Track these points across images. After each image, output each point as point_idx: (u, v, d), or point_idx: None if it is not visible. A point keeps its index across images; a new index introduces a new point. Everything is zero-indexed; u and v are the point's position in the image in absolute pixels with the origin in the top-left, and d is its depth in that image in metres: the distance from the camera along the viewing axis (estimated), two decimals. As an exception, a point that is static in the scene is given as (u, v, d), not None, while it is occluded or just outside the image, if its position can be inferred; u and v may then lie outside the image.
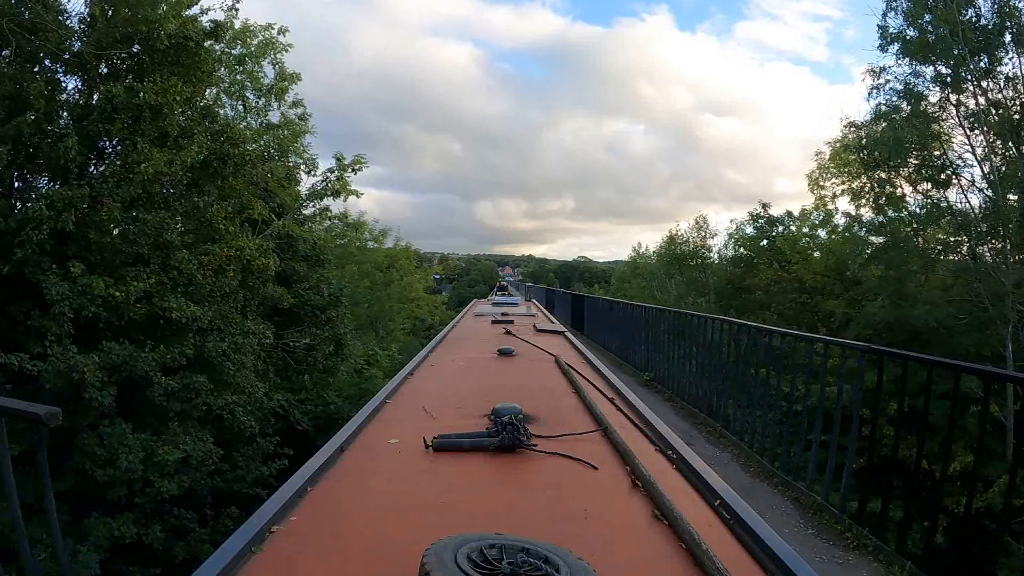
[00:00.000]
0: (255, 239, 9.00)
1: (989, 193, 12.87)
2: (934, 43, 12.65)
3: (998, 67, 12.83)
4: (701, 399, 7.28)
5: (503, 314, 8.65)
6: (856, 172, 16.73)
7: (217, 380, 7.83)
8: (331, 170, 14.06)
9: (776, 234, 19.05)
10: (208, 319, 7.73)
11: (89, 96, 8.27)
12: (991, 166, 12.68)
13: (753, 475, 5.31)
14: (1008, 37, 12.58)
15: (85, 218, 7.25)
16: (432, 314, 28.33)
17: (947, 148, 13.26)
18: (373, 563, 1.40)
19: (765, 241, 19.26)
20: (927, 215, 13.27)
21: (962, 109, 13.01)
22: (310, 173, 13.61)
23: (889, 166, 13.54)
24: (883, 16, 13.48)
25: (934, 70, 13.18)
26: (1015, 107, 12.34)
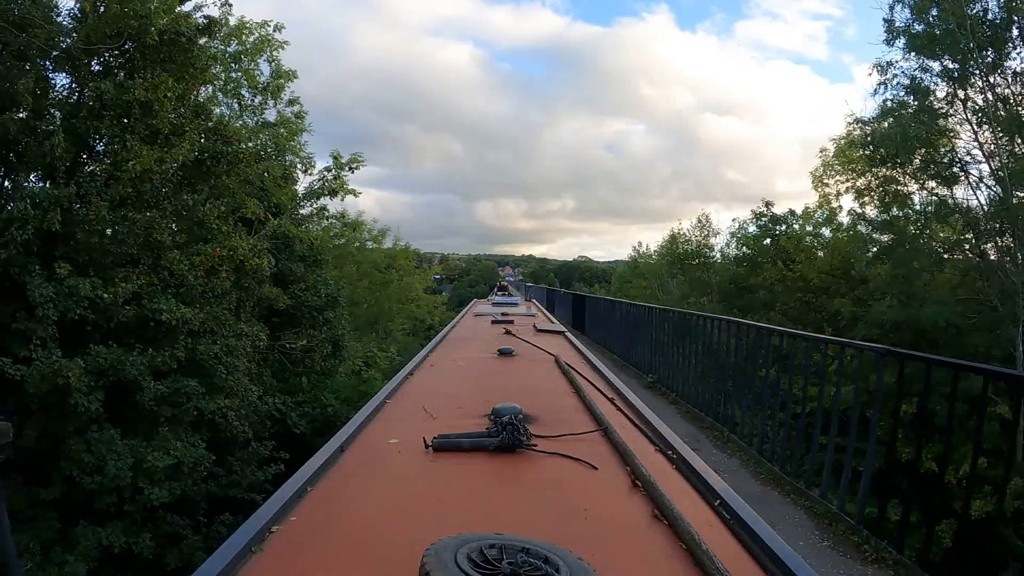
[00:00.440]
0: (249, 239, 8.80)
1: (997, 190, 12.62)
2: (941, 37, 12.42)
3: (1005, 62, 12.57)
4: (707, 402, 7.08)
5: (503, 314, 8.58)
6: (861, 169, 16.48)
7: (209, 384, 7.65)
8: (328, 169, 13.92)
9: (780, 233, 18.80)
10: (200, 321, 7.55)
11: (81, 93, 8.08)
12: (1000, 162, 12.43)
13: (763, 482, 5.11)
14: (1015, 31, 12.33)
15: (72, 218, 7.05)
16: (432, 314, 28.10)
17: (954, 144, 13.01)
18: (373, 563, 1.41)
19: (769, 240, 18.99)
20: (936, 212, 13.01)
21: (969, 104, 12.76)
22: (307, 172, 13.44)
23: (896, 162, 13.28)
24: (890, 9, 13.24)
25: (941, 65, 12.93)
26: (1023, 102, 12.11)
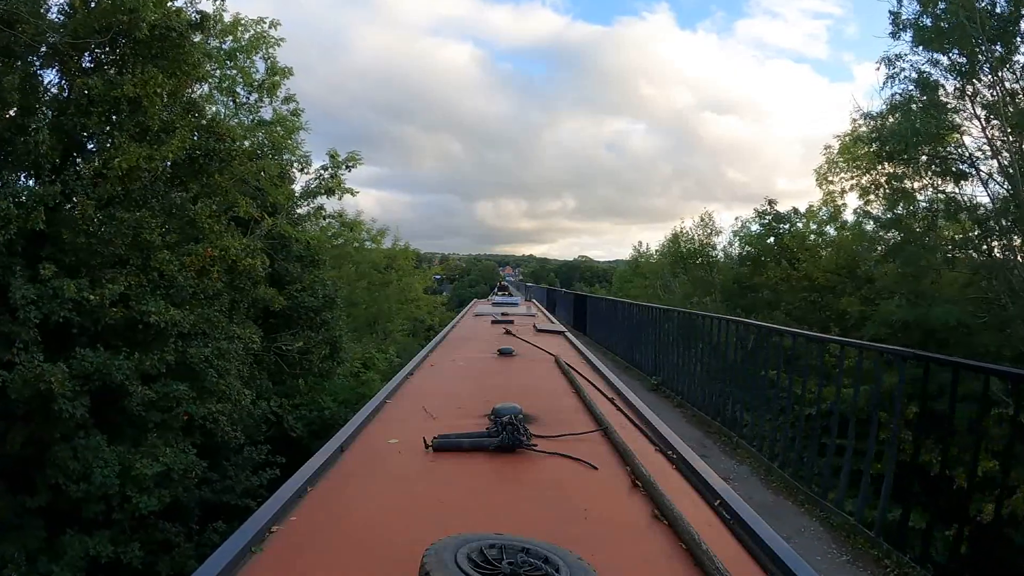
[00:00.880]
0: (243, 239, 8.57)
1: (1007, 186, 12.35)
2: (949, 30, 12.15)
3: (1014, 56, 12.31)
4: (713, 406, 6.84)
5: (503, 314, 8.47)
6: (866, 167, 16.20)
7: (200, 388, 7.43)
8: (325, 167, 13.70)
9: (783, 231, 18.52)
10: (190, 323, 7.34)
11: (69, 90, 7.86)
12: (1010, 158, 12.16)
13: (775, 491, 4.91)
14: (1023, 25, 12.06)
15: (59, 217, 6.82)
16: (432, 315, 27.89)
17: (963, 139, 12.76)
18: (373, 563, 1.42)
19: (772, 239, 18.72)
20: (945, 210, 12.74)
21: (978, 99, 12.49)
22: (303, 170, 13.21)
23: (904, 158, 13.01)
24: (897, 2, 12.97)
25: (949, 59, 12.67)
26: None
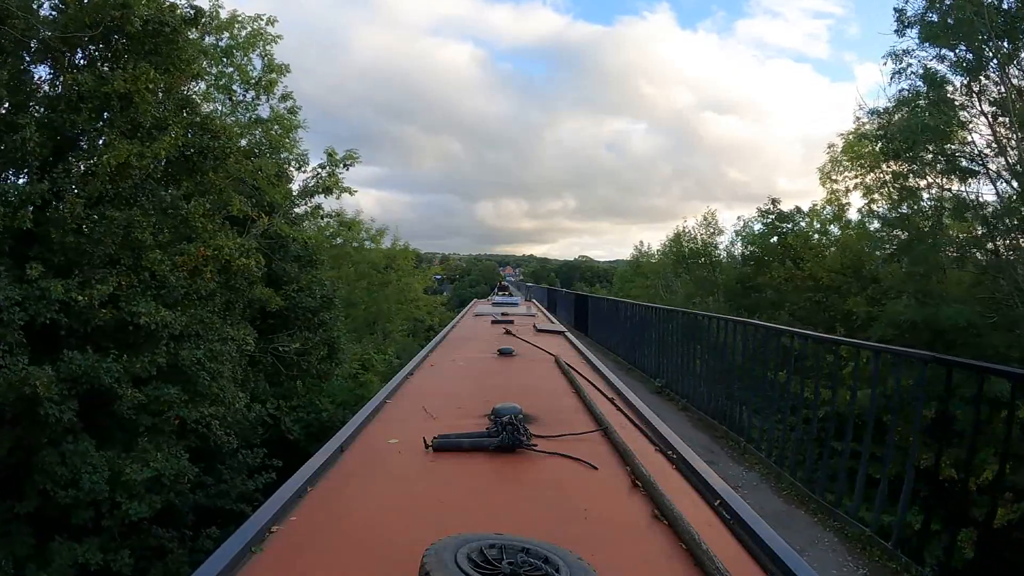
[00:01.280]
0: (237, 238, 8.39)
1: (1015, 184, 12.14)
2: (956, 26, 11.95)
3: (1022, 52, 12.10)
4: (720, 409, 6.65)
5: (503, 314, 8.38)
6: (871, 165, 15.98)
7: (192, 391, 7.24)
8: (322, 166, 13.52)
9: (787, 230, 18.31)
10: (182, 324, 7.16)
11: (59, 86, 7.68)
12: (1017, 156, 11.95)
13: (787, 499, 4.73)
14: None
15: (47, 216, 6.64)
16: (432, 315, 27.71)
17: (972, 137, 12.56)
18: (373, 563, 1.42)
19: (775, 238, 18.51)
20: (953, 208, 12.52)
21: (985, 96, 12.29)
22: (300, 169, 13.04)
23: (910, 156, 12.80)
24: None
25: (956, 55, 12.46)
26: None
